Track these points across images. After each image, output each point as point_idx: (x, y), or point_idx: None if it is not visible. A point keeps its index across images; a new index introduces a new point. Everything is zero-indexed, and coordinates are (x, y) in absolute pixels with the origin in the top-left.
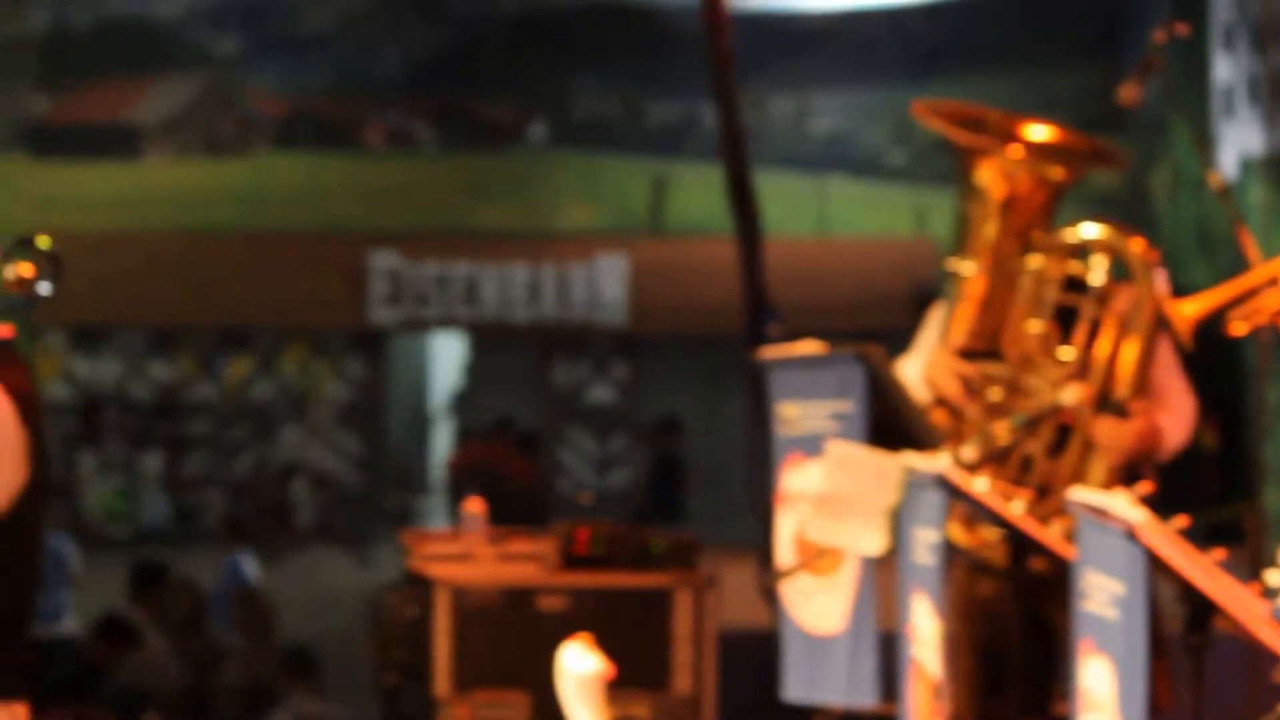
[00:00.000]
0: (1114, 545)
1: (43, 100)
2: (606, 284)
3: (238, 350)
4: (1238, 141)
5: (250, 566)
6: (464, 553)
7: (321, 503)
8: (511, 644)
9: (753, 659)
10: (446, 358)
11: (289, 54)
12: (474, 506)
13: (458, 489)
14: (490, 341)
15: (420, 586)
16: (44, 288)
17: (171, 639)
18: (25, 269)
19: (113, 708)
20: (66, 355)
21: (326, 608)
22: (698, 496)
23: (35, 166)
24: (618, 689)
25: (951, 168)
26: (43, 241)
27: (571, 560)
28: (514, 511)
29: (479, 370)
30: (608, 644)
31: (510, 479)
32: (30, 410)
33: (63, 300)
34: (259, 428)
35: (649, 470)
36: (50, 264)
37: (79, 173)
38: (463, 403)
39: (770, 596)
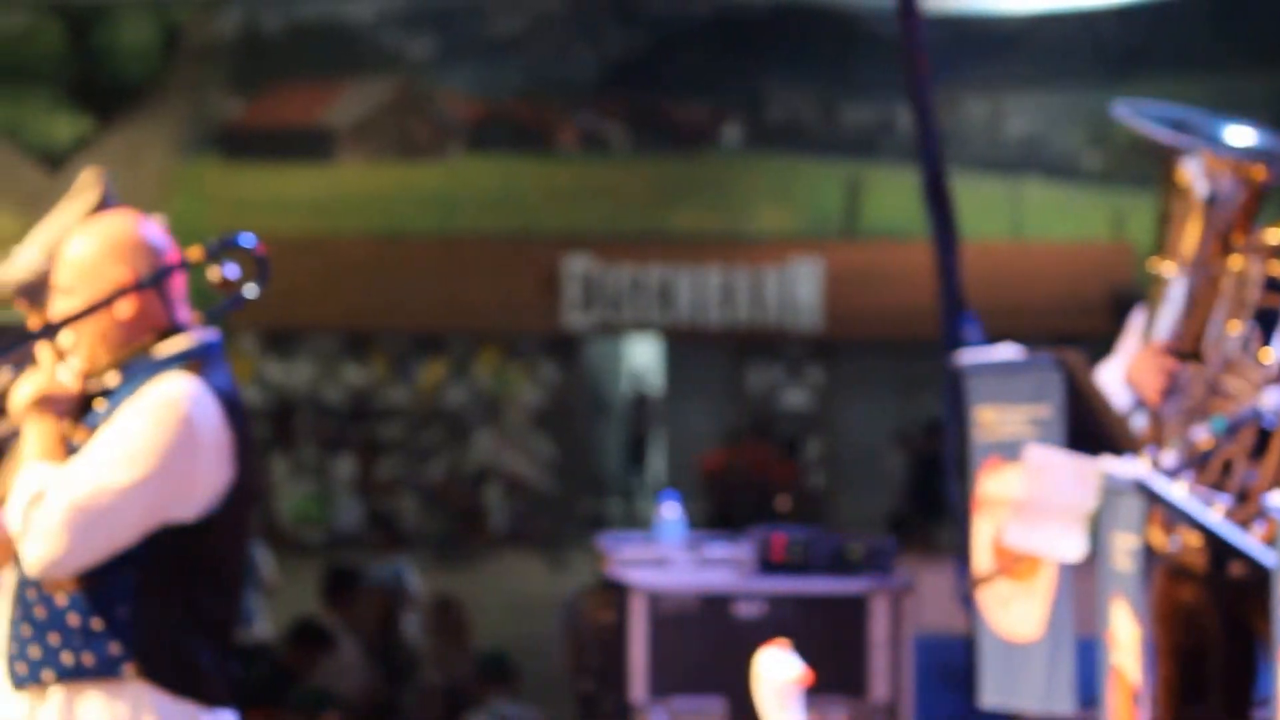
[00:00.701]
0: None
1: (235, 103)
2: (801, 287)
3: (431, 354)
4: None
5: (411, 576)
6: (660, 558)
7: (515, 507)
8: (708, 650)
9: (950, 665)
10: (640, 361)
11: (482, 56)
12: (670, 511)
13: (714, 493)
14: (683, 345)
15: (616, 592)
16: (251, 290)
17: (364, 643)
18: (233, 270)
19: (304, 712)
20: (259, 359)
21: (520, 613)
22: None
23: (228, 169)
24: (814, 695)
25: (1149, 170)
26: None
27: (768, 566)
28: (779, 515)
29: (672, 374)
30: (804, 650)
31: (775, 483)
32: (235, 412)
33: (255, 303)
34: (452, 432)
35: (912, 471)
36: (257, 266)
37: (272, 176)
38: (657, 406)
39: (968, 602)
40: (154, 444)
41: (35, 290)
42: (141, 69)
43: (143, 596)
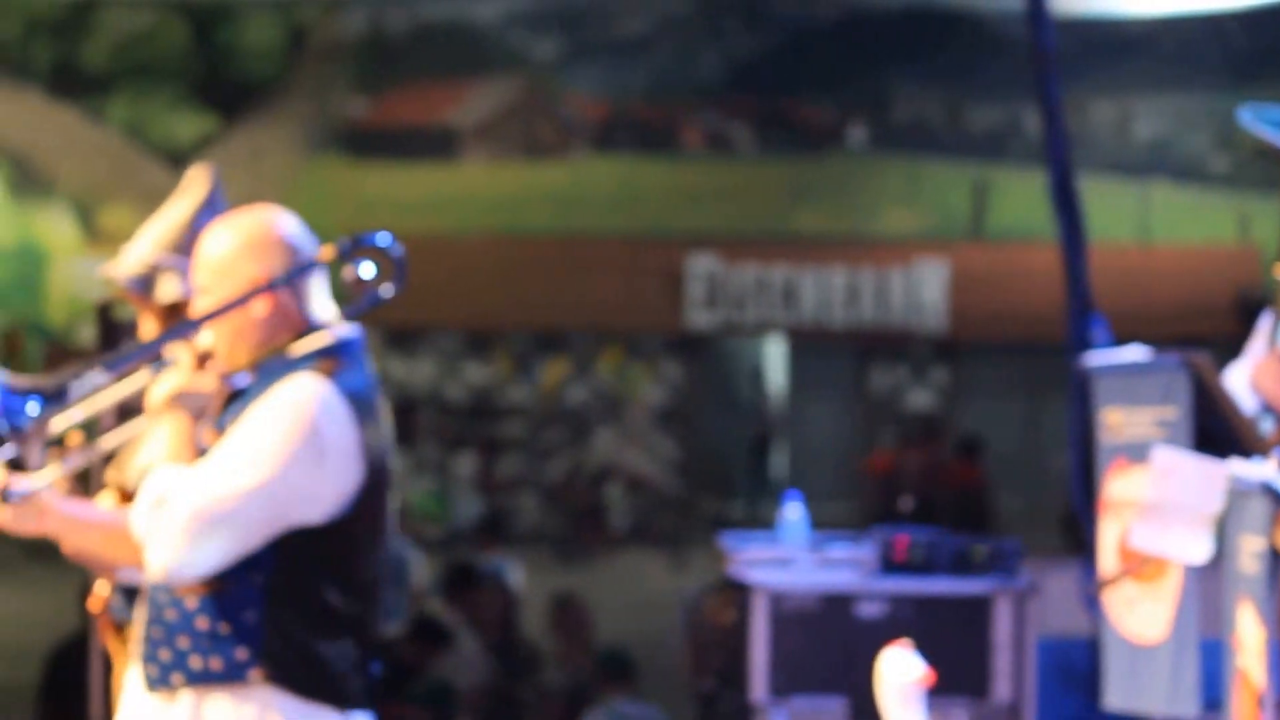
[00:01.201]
0: None
1: (360, 103)
2: (926, 289)
3: (553, 353)
4: None
5: (514, 572)
6: (782, 557)
7: (636, 506)
8: (829, 650)
9: (1073, 667)
10: (764, 361)
11: (607, 57)
12: (792, 511)
13: (882, 494)
14: (807, 345)
15: (738, 591)
16: (387, 290)
17: (483, 640)
18: (366, 270)
19: (423, 707)
20: (382, 356)
21: (641, 611)
22: (1020, 502)
23: (353, 169)
24: (936, 696)
25: (1276, 173)
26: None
27: (890, 566)
28: (954, 516)
29: (796, 374)
30: (926, 651)
31: (949, 484)
32: (367, 411)
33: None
34: (574, 430)
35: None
36: (393, 265)
37: (396, 175)
38: (780, 406)
39: (1092, 604)
40: (279, 447)
41: (144, 284)
42: (266, 68)
43: (271, 600)
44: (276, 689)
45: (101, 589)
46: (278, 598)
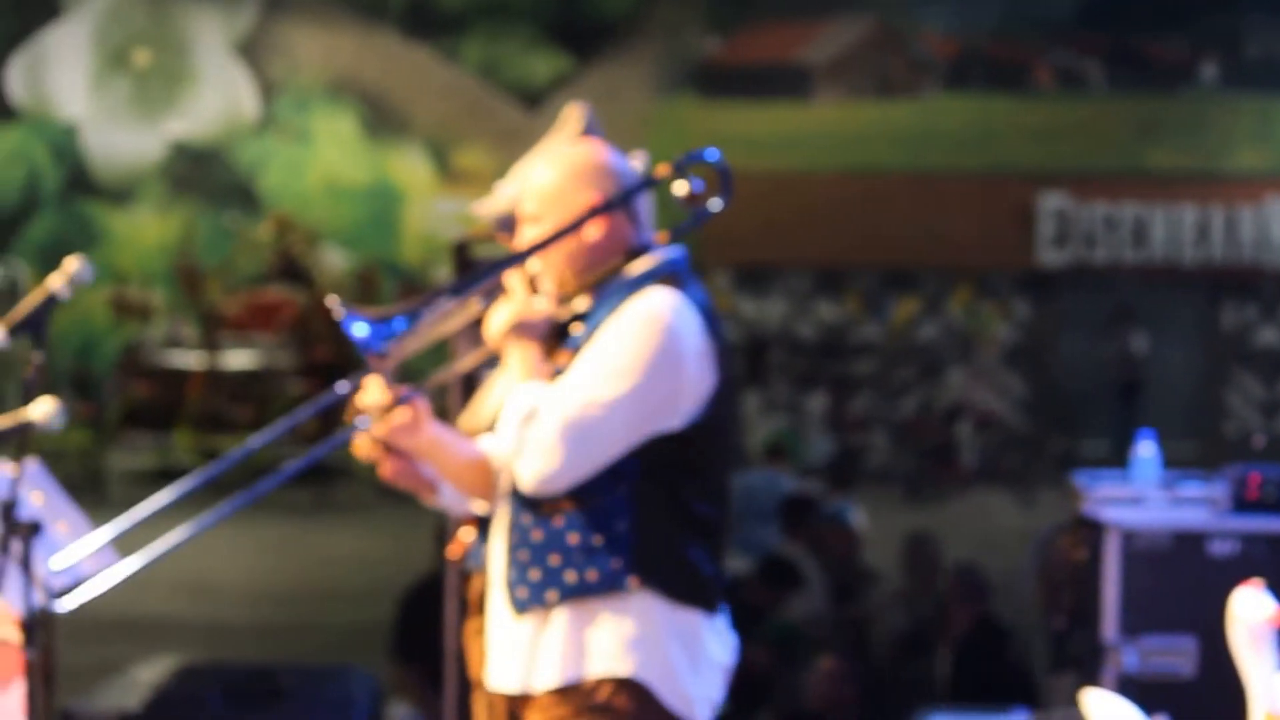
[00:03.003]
0: None
1: (713, 42)
2: (1276, 226)
3: (904, 291)
4: None
5: (858, 516)
6: (1134, 496)
7: (986, 444)
8: (1180, 588)
9: None
10: (1113, 299)
11: None
12: (1146, 450)
13: None
14: (1157, 283)
15: (1090, 529)
16: (715, 204)
17: (830, 578)
18: (697, 185)
19: (773, 648)
20: (733, 295)
21: (989, 549)
22: None
23: (705, 108)
24: None
25: None
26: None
27: (1243, 504)
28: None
29: (1145, 312)
30: (1278, 590)
31: None
32: (712, 320)
33: (730, 240)
34: (925, 369)
35: None
36: (722, 179)
37: (748, 113)
38: (1131, 344)
39: None
40: (641, 357)
41: (511, 222)
42: (620, 7)
43: (640, 508)
44: (652, 594)
45: (464, 535)
46: (645, 505)
